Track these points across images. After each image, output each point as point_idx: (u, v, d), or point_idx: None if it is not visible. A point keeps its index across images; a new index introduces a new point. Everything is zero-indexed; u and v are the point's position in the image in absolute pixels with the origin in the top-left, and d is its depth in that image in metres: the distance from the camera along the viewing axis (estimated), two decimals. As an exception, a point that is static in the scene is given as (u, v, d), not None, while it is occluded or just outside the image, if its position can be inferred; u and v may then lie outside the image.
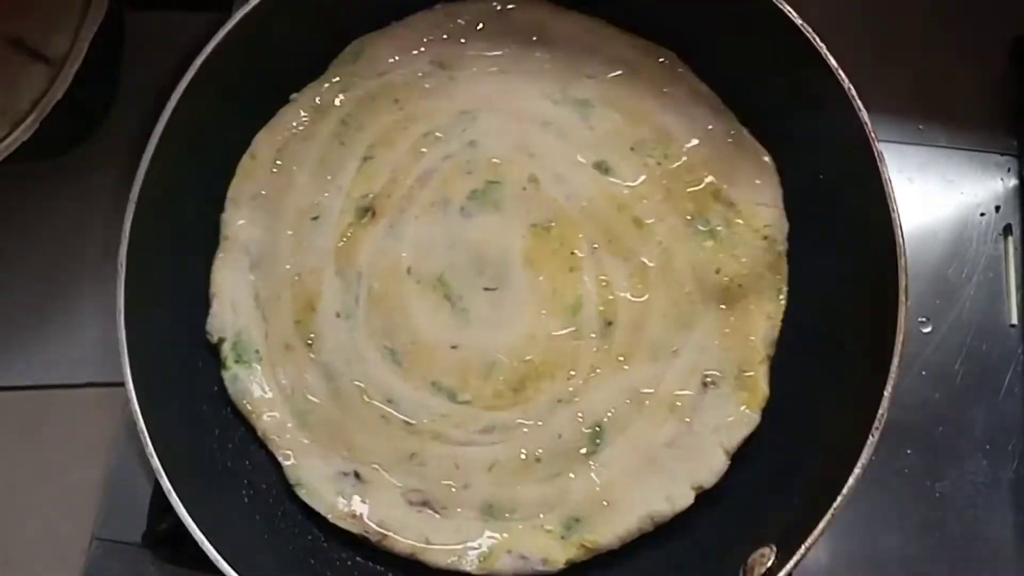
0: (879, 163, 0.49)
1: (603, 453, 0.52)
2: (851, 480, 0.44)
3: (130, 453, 0.62)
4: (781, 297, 0.53)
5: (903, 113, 0.68)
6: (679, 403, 0.52)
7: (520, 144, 0.57)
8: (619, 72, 0.57)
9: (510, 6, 0.58)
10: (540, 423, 0.53)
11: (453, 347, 0.54)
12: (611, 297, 0.54)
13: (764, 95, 0.55)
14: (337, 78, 0.58)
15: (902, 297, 0.47)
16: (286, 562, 0.52)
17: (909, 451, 0.61)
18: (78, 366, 0.70)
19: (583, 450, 0.52)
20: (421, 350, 0.54)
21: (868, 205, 0.49)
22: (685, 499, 0.51)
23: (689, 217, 0.54)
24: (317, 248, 0.57)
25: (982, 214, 0.66)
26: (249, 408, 0.55)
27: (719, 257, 0.54)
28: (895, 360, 0.46)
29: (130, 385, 0.50)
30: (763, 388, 0.52)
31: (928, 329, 0.63)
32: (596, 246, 0.55)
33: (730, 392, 0.52)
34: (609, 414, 0.53)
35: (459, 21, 0.58)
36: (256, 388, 0.55)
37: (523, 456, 0.53)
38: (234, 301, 0.56)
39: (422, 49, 0.58)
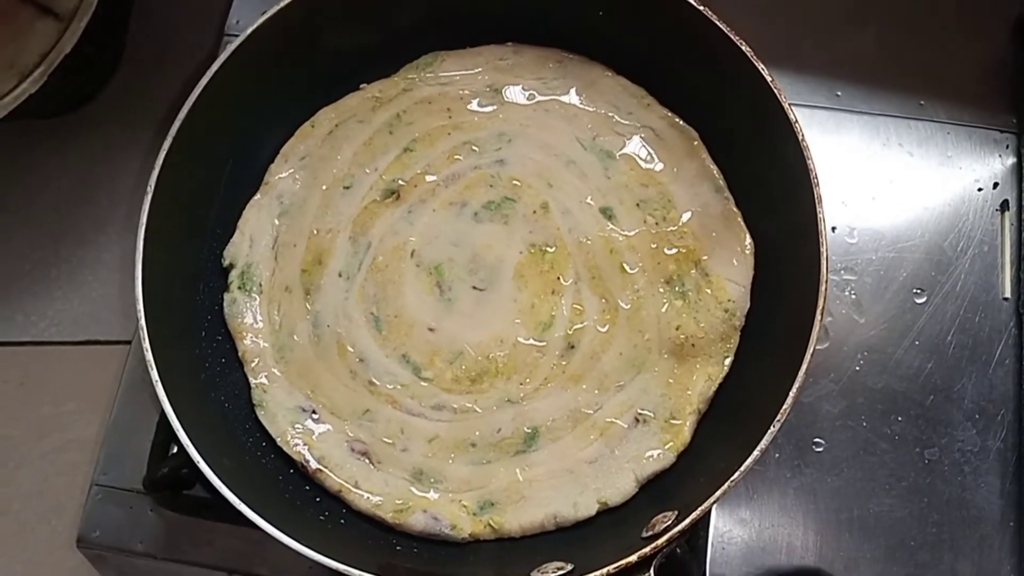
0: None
1: (532, 455, 0.57)
2: (748, 461, 0.48)
3: (131, 405, 0.63)
4: (726, 363, 0.58)
5: (905, 88, 0.69)
6: (610, 430, 0.57)
7: (542, 173, 0.63)
8: (645, 136, 0.63)
9: (570, 57, 0.65)
10: (485, 414, 0.58)
11: (430, 329, 0.59)
12: (580, 325, 0.59)
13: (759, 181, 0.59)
14: (404, 79, 0.65)
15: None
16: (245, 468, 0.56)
17: (900, 418, 0.61)
18: (80, 323, 0.71)
19: (516, 448, 0.57)
20: (401, 324, 0.60)
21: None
22: (589, 510, 0.55)
23: (667, 277, 0.60)
24: (341, 213, 0.62)
25: (979, 189, 0.67)
26: (238, 328, 0.60)
27: (682, 317, 0.59)
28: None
29: (139, 292, 0.52)
30: (686, 436, 0.57)
31: (922, 300, 0.64)
32: (580, 278, 0.60)
33: (657, 432, 0.57)
34: (548, 423, 0.58)
35: (520, 58, 0.65)
36: (249, 314, 0.60)
37: (462, 439, 0.57)
38: (254, 237, 0.62)
39: (483, 72, 0.65)
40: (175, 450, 0.60)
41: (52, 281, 0.72)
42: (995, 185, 0.67)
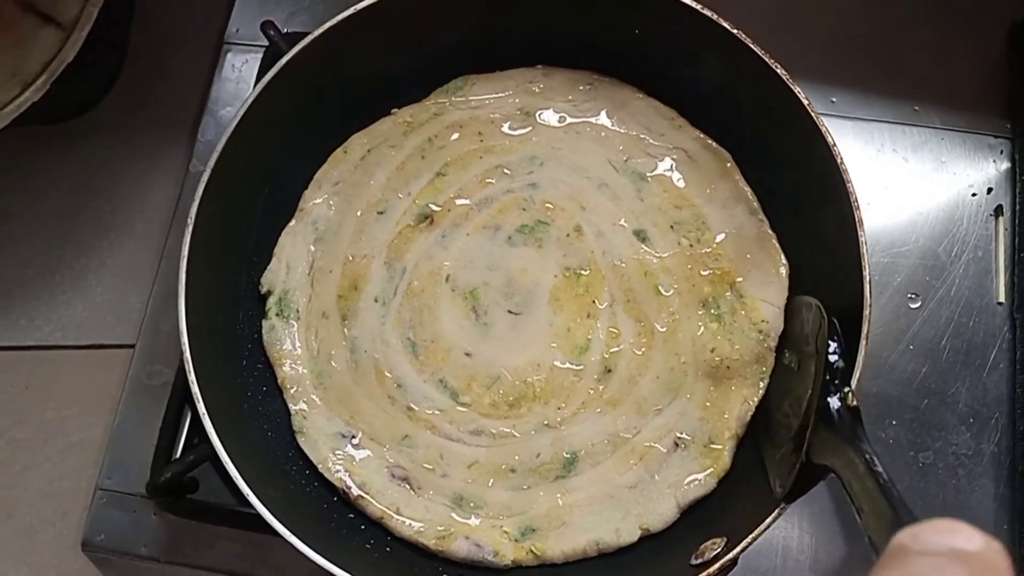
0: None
1: (572, 480, 0.57)
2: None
3: (135, 410, 0.64)
4: (761, 385, 0.58)
5: (900, 94, 0.70)
6: (649, 454, 0.57)
7: (575, 196, 0.63)
8: (678, 158, 0.63)
9: (601, 79, 0.65)
10: (524, 439, 0.58)
11: (467, 354, 0.60)
12: (616, 348, 0.59)
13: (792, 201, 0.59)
14: (435, 103, 0.65)
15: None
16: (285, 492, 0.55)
17: (894, 422, 0.62)
18: (84, 327, 0.71)
19: (555, 473, 0.57)
20: (438, 349, 0.60)
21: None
22: (631, 536, 0.55)
23: (703, 299, 0.60)
24: (375, 238, 0.63)
25: (974, 194, 0.68)
26: (277, 355, 0.60)
27: (717, 339, 0.59)
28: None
29: (182, 312, 0.53)
30: (726, 461, 0.56)
31: (917, 304, 0.65)
32: (615, 301, 0.61)
33: (696, 457, 0.57)
34: (586, 448, 0.58)
35: (551, 81, 0.66)
36: (288, 341, 0.60)
37: (501, 464, 0.58)
38: (290, 264, 0.62)
39: (513, 95, 0.65)
40: (178, 454, 0.60)
41: (56, 286, 0.72)
42: (989, 190, 0.67)
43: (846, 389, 0.46)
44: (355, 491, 0.56)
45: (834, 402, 0.46)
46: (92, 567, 0.63)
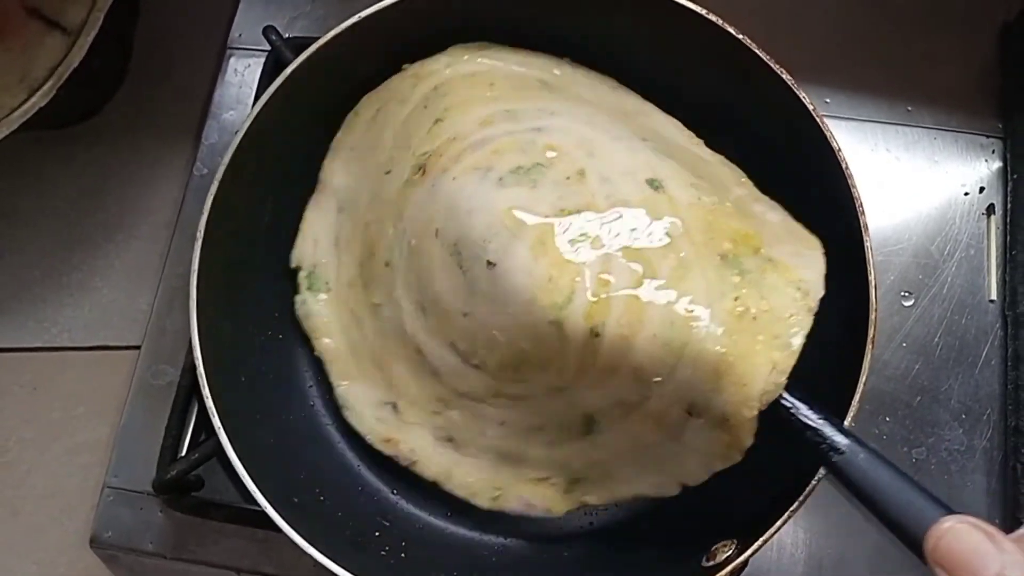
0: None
1: (598, 437, 0.54)
2: (807, 490, 0.48)
3: (141, 409, 0.64)
4: (794, 344, 0.46)
5: (893, 94, 0.70)
6: (665, 421, 0.51)
7: (584, 143, 0.53)
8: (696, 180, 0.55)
9: (625, 89, 0.61)
10: (541, 400, 0.54)
11: (464, 314, 0.52)
12: (604, 296, 0.48)
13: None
14: (450, 55, 0.59)
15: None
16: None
17: (888, 419, 0.63)
18: (90, 329, 0.72)
19: (580, 431, 0.54)
20: (441, 311, 0.53)
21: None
22: (672, 490, 0.53)
23: (722, 253, 0.49)
24: (384, 200, 0.57)
25: (966, 194, 0.68)
26: (312, 330, 0.60)
27: (742, 291, 0.47)
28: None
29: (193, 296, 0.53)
30: (745, 440, 0.48)
31: (910, 302, 0.66)
32: (610, 244, 0.50)
33: (712, 429, 0.49)
34: (599, 409, 0.52)
35: (575, 73, 0.60)
36: (320, 314, 0.60)
37: (528, 423, 0.55)
38: (316, 238, 0.61)
39: (538, 69, 0.60)
40: (183, 453, 0.61)
41: (63, 288, 0.73)
42: (981, 189, 0.68)
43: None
44: (406, 457, 0.56)
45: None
46: (100, 563, 0.63)
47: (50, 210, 0.75)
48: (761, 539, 0.48)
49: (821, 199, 0.54)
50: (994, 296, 0.65)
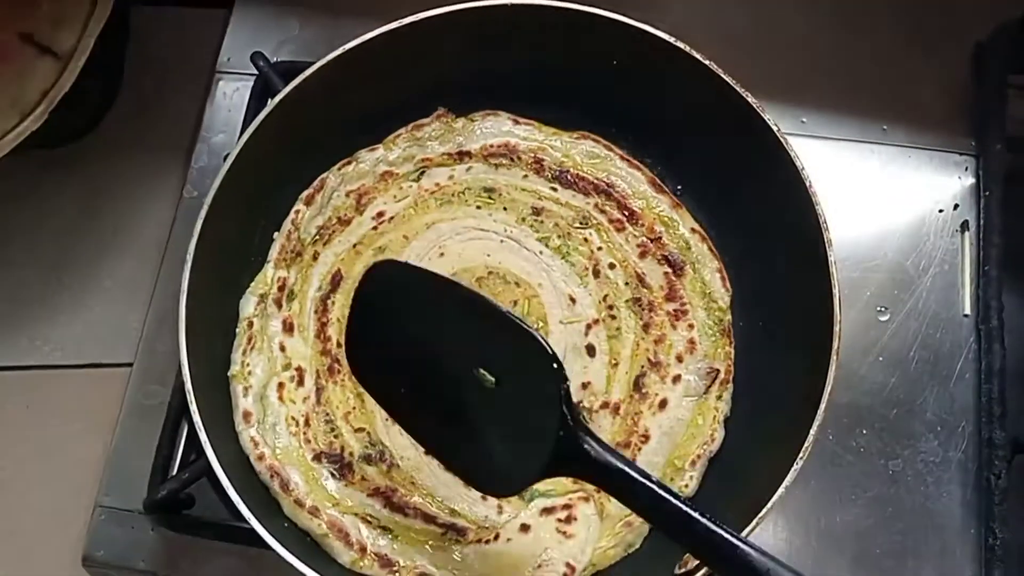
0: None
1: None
2: (774, 498, 0.50)
3: (132, 430, 0.65)
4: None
5: (868, 114, 0.72)
6: None
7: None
8: None
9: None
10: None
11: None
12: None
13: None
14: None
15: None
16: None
17: (864, 431, 0.64)
18: (83, 347, 0.73)
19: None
20: None
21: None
22: None
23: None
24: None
25: (940, 210, 0.70)
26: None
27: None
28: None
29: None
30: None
31: (886, 317, 0.67)
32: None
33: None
34: None
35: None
36: None
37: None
38: None
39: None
40: (174, 472, 0.62)
41: (56, 307, 0.73)
42: (955, 206, 0.70)
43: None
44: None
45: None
46: (92, 582, 0.64)
47: (43, 230, 0.76)
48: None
49: (785, 215, 0.56)
50: (968, 311, 0.67)
